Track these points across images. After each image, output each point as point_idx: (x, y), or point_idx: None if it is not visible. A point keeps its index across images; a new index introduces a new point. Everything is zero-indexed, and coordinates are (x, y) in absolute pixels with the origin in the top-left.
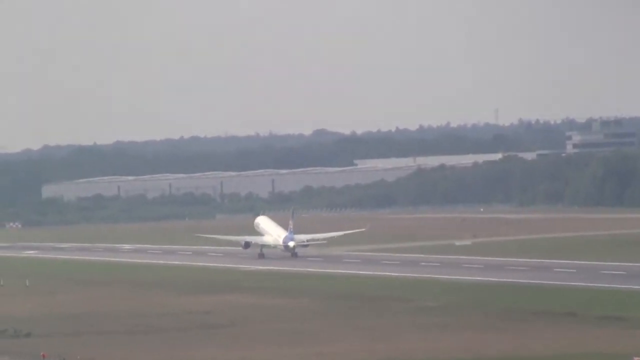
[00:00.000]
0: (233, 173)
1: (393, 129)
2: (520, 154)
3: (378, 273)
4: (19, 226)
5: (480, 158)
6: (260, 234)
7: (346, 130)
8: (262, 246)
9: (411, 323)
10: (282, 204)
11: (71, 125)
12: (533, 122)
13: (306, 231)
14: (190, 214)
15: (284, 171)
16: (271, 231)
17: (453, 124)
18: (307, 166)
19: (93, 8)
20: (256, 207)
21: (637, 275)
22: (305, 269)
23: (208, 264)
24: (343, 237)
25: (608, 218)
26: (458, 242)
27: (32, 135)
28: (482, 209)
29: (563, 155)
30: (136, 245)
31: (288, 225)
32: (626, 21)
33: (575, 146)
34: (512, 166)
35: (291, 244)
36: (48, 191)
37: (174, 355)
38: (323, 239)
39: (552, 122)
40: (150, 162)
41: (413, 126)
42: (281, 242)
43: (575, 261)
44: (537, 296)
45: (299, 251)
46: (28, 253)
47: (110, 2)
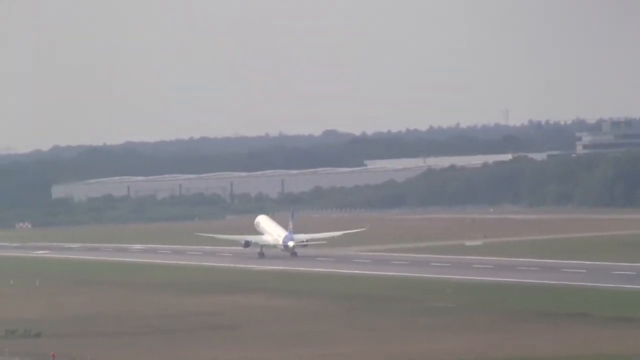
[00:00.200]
0: (243, 173)
1: (403, 130)
2: (530, 155)
3: (388, 273)
4: (29, 226)
5: (490, 159)
6: (260, 234)
7: (356, 130)
8: (262, 246)
9: (420, 323)
10: (292, 205)
11: (81, 125)
12: (543, 123)
13: (307, 231)
14: (200, 215)
15: (294, 172)
16: (271, 231)
17: (463, 125)
18: (317, 167)
19: (105, 7)
20: (266, 208)
21: None
22: (314, 269)
23: (217, 265)
24: (354, 238)
25: (618, 219)
26: (468, 243)
27: (42, 135)
28: (492, 210)
29: (573, 156)
30: (146, 245)
31: (288, 225)
32: (637, 21)
33: (585, 147)
34: (522, 167)
35: (291, 244)
36: (58, 192)
37: (181, 356)
38: (322, 239)
39: (562, 123)
40: (160, 163)
41: (423, 127)
42: (281, 242)
43: (585, 262)
44: (547, 297)
45: (299, 251)
46: (38, 253)
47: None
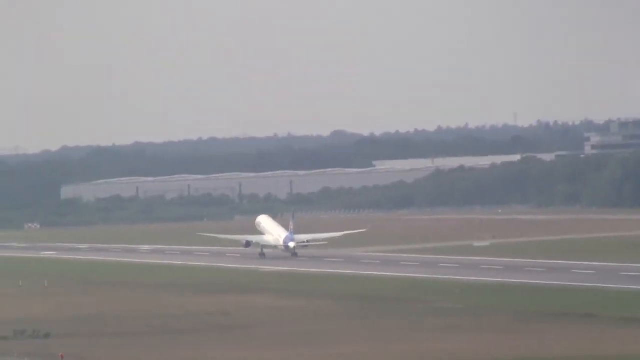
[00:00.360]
0: (251, 174)
1: (412, 130)
2: (538, 155)
3: (396, 274)
4: (38, 227)
5: (498, 159)
6: (261, 234)
7: (365, 131)
8: (263, 246)
9: (428, 324)
10: (301, 205)
11: (90, 126)
12: (551, 124)
13: (308, 231)
14: (208, 215)
15: (303, 172)
16: (272, 231)
17: (471, 126)
18: (326, 167)
19: (114, 8)
20: (274, 209)
21: None
22: (322, 270)
23: (225, 265)
24: (362, 239)
25: (626, 219)
26: (477, 243)
27: (51, 136)
28: (501, 210)
29: (581, 156)
30: (154, 246)
31: (289, 225)
32: None
33: (593, 147)
34: (531, 167)
35: (291, 245)
36: (67, 192)
37: (189, 356)
38: (323, 240)
39: (571, 124)
40: (169, 163)
41: (431, 127)
42: (282, 242)
43: (593, 262)
44: (556, 297)
45: (299, 251)
46: (47, 254)
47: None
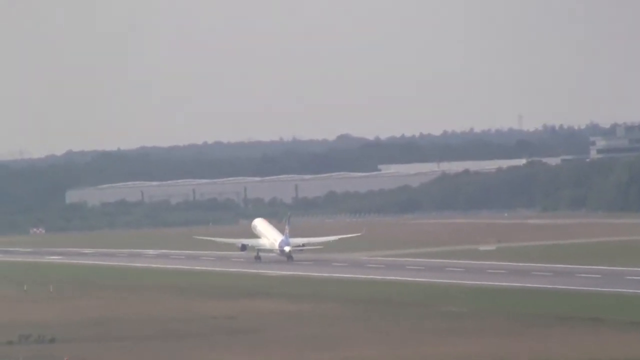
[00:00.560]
0: (257, 178)
1: (417, 134)
2: (544, 159)
3: (402, 278)
4: (43, 231)
5: (504, 163)
6: (257, 237)
7: (370, 135)
8: (259, 249)
9: (435, 328)
10: (306, 210)
11: (95, 130)
12: (557, 128)
13: (306, 234)
14: (214, 220)
15: (308, 176)
16: (268, 234)
17: (477, 129)
18: (331, 171)
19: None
20: (280, 213)
21: None
22: (328, 274)
23: (230, 269)
24: (367, 243)
25: (632, 223)
26: (482, 247)
27: (56, 140)
28: (506, 214)
29: (587, 160)
30: (160, 250)
31: (284, 229)
32: None
33: (599, 151)
34: (536, 171)
35: (287, 249)
36: (72, 197)
37: None
38: (319, 243)
39: (576, 127)
40: (174, 168)
41: (437, 131)
42: (277, 246)
43: (599, 266)
44: (562, 301)
45: (295, 255)
46: (52, 258)
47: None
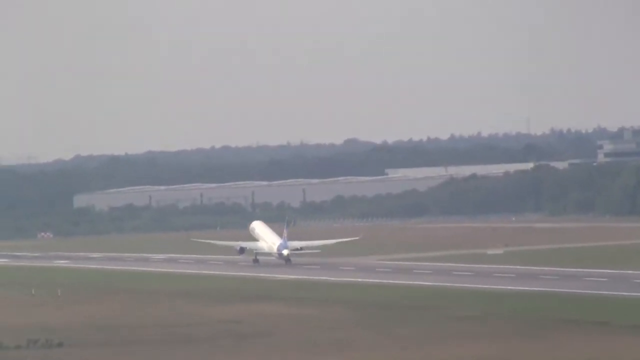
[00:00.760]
0: (264, 182)
1: (424, 138)
2: (551, 163)
3: (410, 282)
4: (51, 236)
5: (511, 167)
6: (255, 239)
7: (377, 139)
8: (257, 252)
9: (442, 332)
10: (314, 214)
11: (103, 135)
12: (564, 132)
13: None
14: (221, 224)
15: (315, 181)
16: (266, 237)
17: (484, 133)
18: (339, 175)
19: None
20: (287, 217)
21: None
22: (336, 278)
23: (238, 273)
24: (375, 246)
25: None
26: (490, 251)
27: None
28: (514, 218)
29: (595, 164)
30: (167, 255)
31: (282, 232)
32: None
33: (607, 155)
34: (544, 175)
35: (285, 252)
36: (80, 201)
37: None
38: (316, 247)
39: (584, 131)
40: (181, 172)
41: (444, 135)
42: (275, 250)
43: (607, 270)
44: (569, 305)
45: (293, 259)
46: (60, 263)
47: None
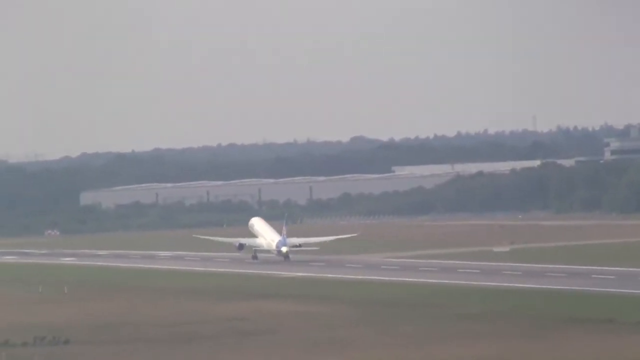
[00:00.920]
0: (271, 180)
1: (431, 136)
2: (558, 161)
3: (416, 280)
4: (57, 233)
5: (518, 165)
6: (254, 236)
7: (384, 137)
8: (256, 249)
9: (449, 330)
10: (320, 211)
11: (109, 132)
12: (571, 129)
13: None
14: (228, 221)
15: (322, 178)
16: (265, 234)
17: (491, 131)
18: (345, 173)
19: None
20: (294, 215)
21: None
22: (342, 276)
23: (245, 271)
24: (381, 244)
25: None
26: (496, 249)
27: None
28: (520, 216)
29: (601, 161)
30: (174, 252)
31: (282, 229)
32: None
33: (613, 152)
34: (550, 173)
35: (284, 250)
36: (86, 198)
37: None
38: (315, 244)
39: (590, 129)
40: (188, 169)
41: (451, 133)
42: (274, 247)
43: (614, 268)
44: (576, 303)
45: (292, 256)
46: (66, 260)
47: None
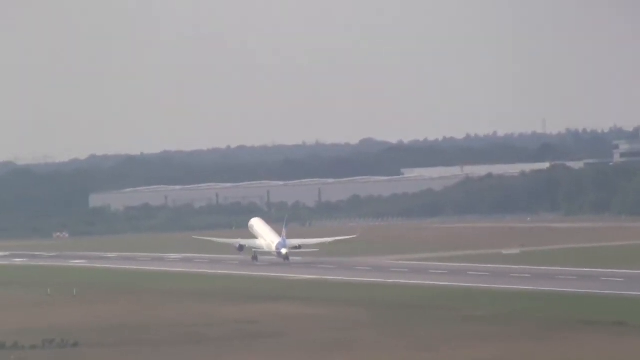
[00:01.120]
0: (280, 182)
1: (440, 138)
2: (567, 163)
3: (425, 282)
4: (67, 236)
5: (527, 167)
6: (254, 237)
7: (393, 139)
8: (255, 250)
9: (459, 332)
10: (329, 213)
11: (118, 134)
12: (580, 131)
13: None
14: (237, 224)
15: (331, 180)
16: (265, 235)
17: (500, 133)
18: (354, 175)
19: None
20: (303, 217)
21: None
22: (350, 278)
23: (253, 273)
24: (391, 246)
25: None
26: (506, 251)
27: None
28: (530, 218)
29: (610, 164)
30: (183, 254)
31: (282, 231)
32: None
33: (622, 155)
34: (560, 175)
35: (283, 251)
36: (95, 201)
37: None
38: (314, 245)
39: (600, 131)
40: (197, 172)
41: (460, 135)
42: (274, 248)
43: (623, 270)
44: (586, 305)
45: (292, 258)
46: (75, 262)
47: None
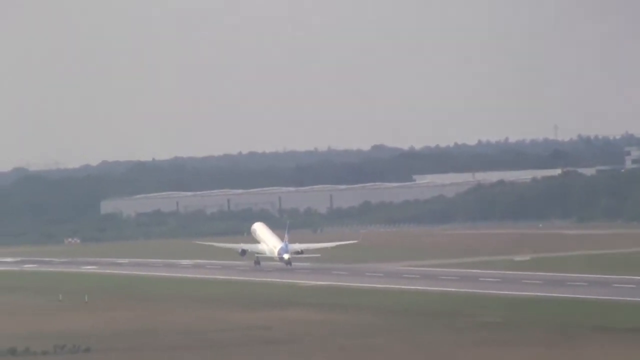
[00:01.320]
0: (291, 188)
1: (451, 144)
2: (579, 170)
3: (437, 288)
4: (78, 242)
5: (539, 173)
6: (256, 241)
7: (405, 145)
8: (258, 255)
9: (472, 338)
10: (341, 220)
11: (129, 140)
12: (592, 138)
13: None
14: (248, 230)
15: (343, 186)
16: (267, 240)
17: (512, 140)
18: (366, 181)
19: (153, 26)
20: (315, 223)
21: None
22: (363, 285)
23: (265, 279)
24: (403, 252)
25: None
26: (517, 258)
27: (91, 151)
28: (541, 225)
29: (622, 170)
30: (194, 260)
31: (284, 236)
32: None
33: (634, 161)
34: (571, 182)
35: (286, 256)
36: (107, 207)
37: None
38: (316, 250)
39: (611, 138)
40: (208, 178)
41: (472, 141)
42: (276, 253)
43: (635, 277)
44: (598, 312)
45: (295, 264)
46: (87, 268)
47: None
